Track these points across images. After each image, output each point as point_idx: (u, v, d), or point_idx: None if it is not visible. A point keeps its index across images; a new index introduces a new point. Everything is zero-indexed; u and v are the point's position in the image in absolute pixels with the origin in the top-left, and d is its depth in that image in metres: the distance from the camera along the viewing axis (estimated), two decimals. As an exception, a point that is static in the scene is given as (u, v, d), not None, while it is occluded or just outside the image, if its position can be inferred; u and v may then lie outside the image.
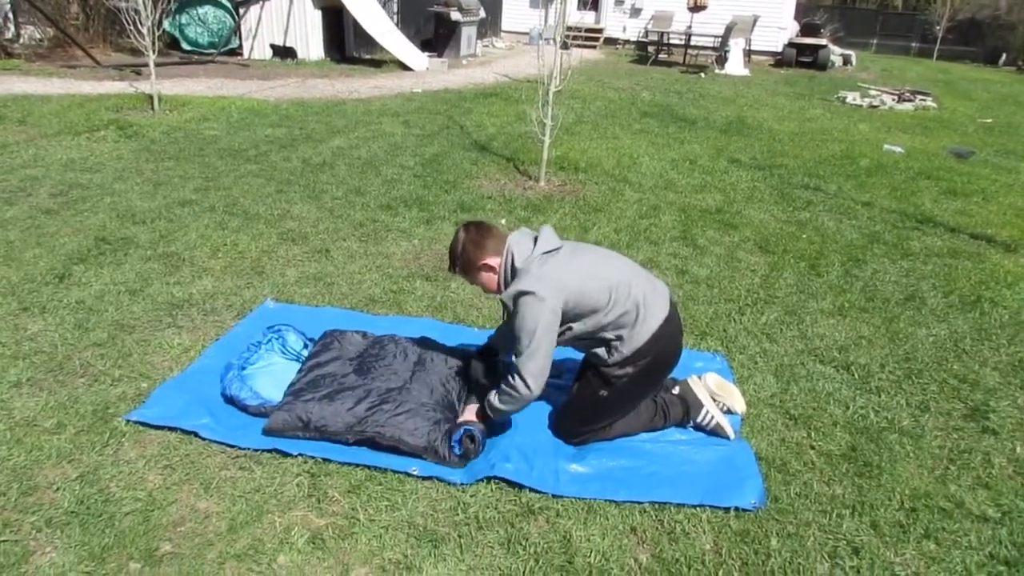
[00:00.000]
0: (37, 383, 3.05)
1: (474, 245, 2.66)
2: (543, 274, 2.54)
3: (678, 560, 2.30)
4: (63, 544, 2.24)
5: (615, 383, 2.71)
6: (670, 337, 2.73)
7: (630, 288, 2.65)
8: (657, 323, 2.66)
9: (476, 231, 2.68)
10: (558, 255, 2.63)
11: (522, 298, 2.51)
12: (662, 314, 2.69)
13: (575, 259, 2.66)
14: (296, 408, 2.75)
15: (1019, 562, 2.36)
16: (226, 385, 2.94)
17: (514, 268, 2.62)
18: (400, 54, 13.27)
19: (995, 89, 15.88)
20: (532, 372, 2.53)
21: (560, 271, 2.57)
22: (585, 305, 2.59)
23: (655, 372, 2.78)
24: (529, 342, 2.51)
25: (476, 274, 2.71)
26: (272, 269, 4.31)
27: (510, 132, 8.31)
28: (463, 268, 2.72)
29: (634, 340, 2.64)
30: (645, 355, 2.66)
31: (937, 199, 6.68)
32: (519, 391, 2.56)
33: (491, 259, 2.66)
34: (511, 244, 2.66)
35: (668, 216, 5.70)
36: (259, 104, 9.11)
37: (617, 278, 2.65)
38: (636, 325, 2.63)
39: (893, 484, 2.70)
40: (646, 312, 2.64)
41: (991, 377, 3.54)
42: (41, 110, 7.96)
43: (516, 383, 2.56)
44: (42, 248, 4.37)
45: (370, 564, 2.24)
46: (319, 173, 6.30)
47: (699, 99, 11.86)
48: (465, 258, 2.67)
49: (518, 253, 2.63)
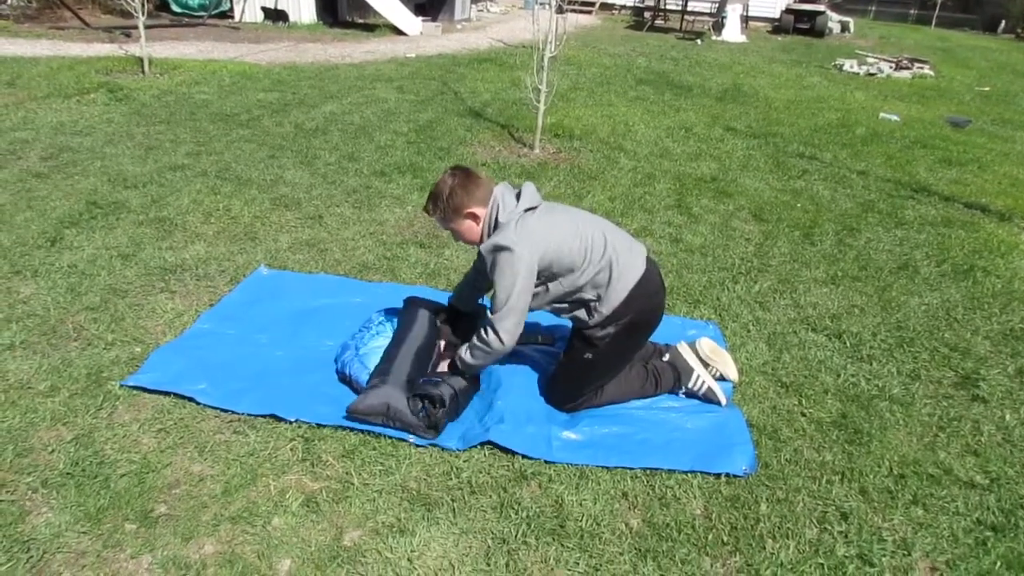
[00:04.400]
0: (30, 346, 3.05)
1: (463, 190, 2.60)
2: (523, 230, 2.53)
3: (668, 525, 2.33)
4: (59, 505, 2.25)
5: (598, 344, 2.72)
6: (649, 296, 2.72)
7: (604, 247, 2.65)
8: (633, 281, 2.66)
9: (465, 176, 2.63)
10: (537, 213, 2.62)
11: (501, 253, 2.51)
12: (638, 272, 2.68)
13: (553, 217, 2.65)
14: (381, 393, 2.67)
15: (1006, 528, 2.40)
16: (345, 363, 2.90)
17: (497, 221, 2.60)
18: (393, 18, 13.09)
19: (993, 57, 15.77)
20: (507, 328, 2.56)
21: (539, 229, 2.56)
22: (561, 263, 2.58)
23: (637, 331, 2.79)
24: (507, 298, 2.51)
25: (459, 221, 2.65)
26: (265, 235, 4.29)
27: (505, 98, 8.24)
28: (448, 212, 2.63)
29: (612, 299, 2.64)
30: (624, 314, 2.66)
31: (932, 168, 6.67)
32: (492, 345, 2.59)
33: (478, 208, 2.62)
34: (497, 196, 2.62)
35: (663, 184, 5.68)
36: (251, 68, 9.00)
37: (592, 237, 2.65)
38: (612, 283, 2.63)
39: (882, 451, 2.73)
40: (621, 271, 2.64)
41: (982, 346, 3.57)
42: (30, 72, 7.85)
43: (490, 337, 2.58)
44: (33, 212, 4.34)
45: (364, 527, 2.26)
46: (312, 139, 6.24)
47: (695, 66, 11.76)
48: (453, 202, 2.60)
49: (503, 206, 2.60)
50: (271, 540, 2.18)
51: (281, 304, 3.48)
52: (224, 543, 2.17)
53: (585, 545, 2.24)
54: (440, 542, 2.22)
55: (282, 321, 3.34)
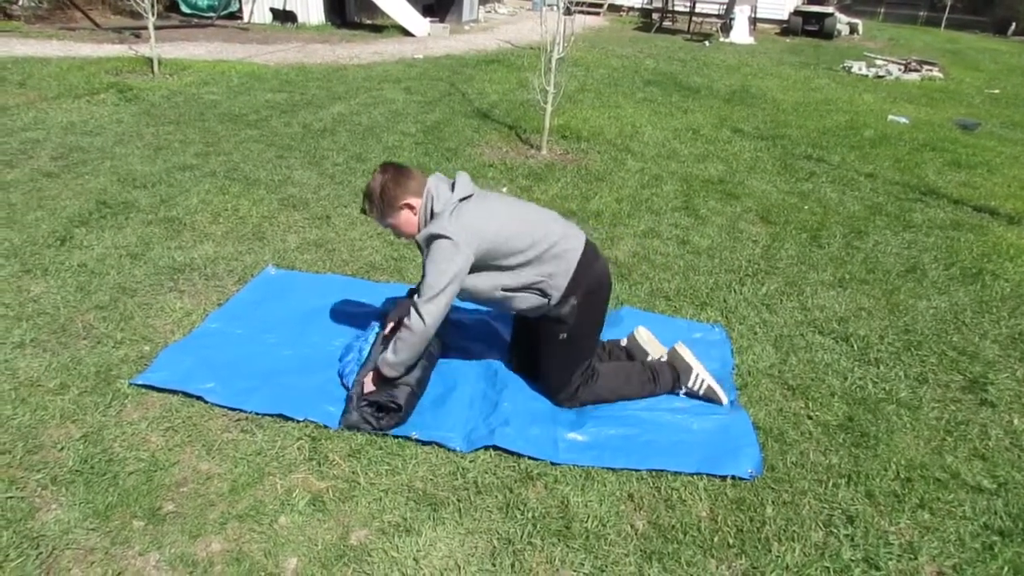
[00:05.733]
0: (40, 344, 3.07)
1: (395, 184, 2.64)
2: (458, 220, 2.56)
3: (674, 527, 2.33)
4: (68, 501, 2.27)
5: (567, 320, 2.74)
6: (592, 263, 2.77)
7: (545, 225, 2.71)
8: (578, 252, 2.72)
9: (396, 171, 2.68)
10: (472, 201, 2.66)
11: (437, 241, 2.54)
12: (580, 243, 2.75)
13: (489, 204, 2.70)
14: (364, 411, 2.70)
15: (1013, 532, 2.39)
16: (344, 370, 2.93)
17: (432, 211, 2.64)
18: (401, 19, 13.11)
19: (1003, 60, 15.70)
20: (431, 311, 2.56)
21: (475, 217, 2.59)
22: (502, 250, 2.61)
23: (596, 296, 2.82)
24: (435, 283, 2.54)
25: (395, 214, 2.68)
26: (273, 235, 4.30)
27: (512, 99, 8.25)
28: (383, 207, 2.67)
29: (563, 273, 2.68)
30: (579, 284, 2.71)
31: (941, 171, 6.64)
32: (414, 328, 2.59)
33: (412, 199, 2.66)
34: (431, 187, 2.67)
35: (670, 186, 5.68)
36: (259, 69, 9.04)
37: (531, 220, 2.72)
38: (559, 258, 2.68)
39: (889, 454, 2.73)
40: (564, 247, 2.69)
41: (991, 350, 3.55)
42: (41, 72, 7.90)
43: (412, 320, 2.59)
44: (44, 211, 4.37)
45: (370, 526, 2.27)
46: (320, 139, 6.26)
47: (703, 68, 11.74)
48: (387, 196, 2.64)
49: (437, 196, 2.64)
50: (278, 538, 2.19)
51: (289, 304, 3.50)
52: (231, 541, 2.18)
53: (590, 546, 2.24)
54: (446, 542, 2.22)
55: (290, 321, 3.36)
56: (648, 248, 4.45)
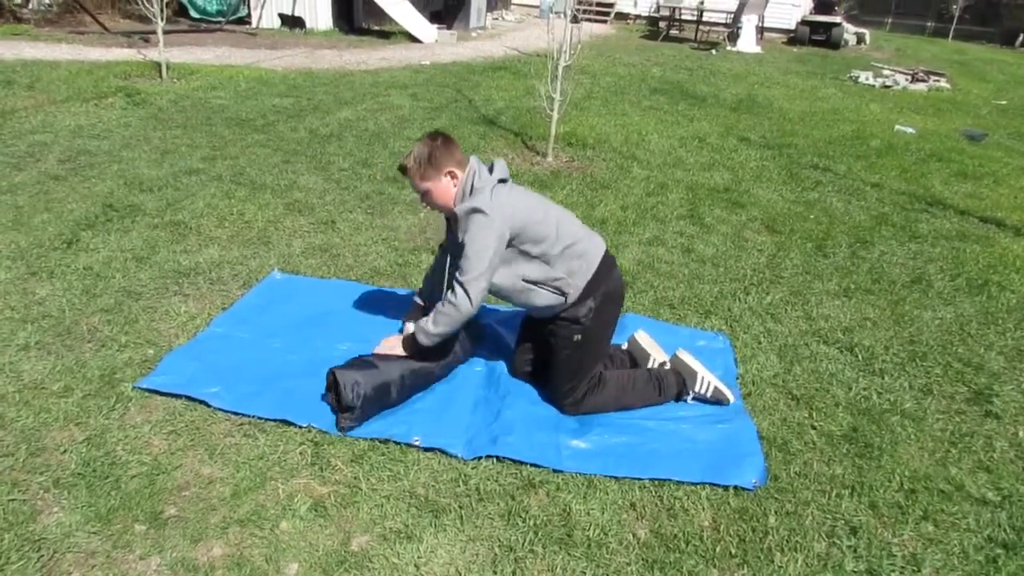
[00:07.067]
0: (45, 347, 3.07)
1: (445, 149, 2.72)
2: (496, 198, 2.64)
3: (676, 536, 2.32)
4: (70, 504, 2.27)
5: (583, 321, 2.78)
6: (611, 268, 2.85)
7: (570, 223, 2.81)
8: (599, 255, 2.81)
9: (445, 139, 2.75)
10: (507, 185, 2.76)
11: (476, 215, 2.60)
12: (601, 247, 2.85)
13: (520, 190, 2.81)
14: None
15: (1017, 545, 2.38)
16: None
17: (473, 186, 2.69)
18: (409, 25, 13.16)
19: (1011, 71, 15.68)
20: (477, 290, 2.62)
21: (511, 198, 2.68)
22: (529, 233, 2.66)
23: (612, 303, 2.88)
24: (479, 260, 2.59)
25: (437, 179, 2.72)
26: (278, 239, 4.31)
27: (518, 106, 8.26)
28: (427, 169, 2.71)
29: (586, 269, 2.75)
30: (598, 286, 2.77)
31: (947, 181, 6.63)
32: (460, 306, 2.63)
33: (457, 168, 2.73)
34: (474, 164, 2.74)
35: (675, 194, 5.67)
36: (267, 74, 9.07)
37: (557, 215, 2.79)
38: (585, 255, 2.76)
39: (893, 466, 2.71)
40: (586, 246, 2.78)
41: (996, 361, 3.54)
42: (50, 76, 7.94)
43: (458, 297, 2.63)
44: (50, 213, 4.38)
45: (371, 532, 2.26)
46: (326, 144, 6.28)
47: (710, 76, 11.75)
48: (435, 159, 2.69)
49: (479, 173, 2.71)
50: (279, 544, 2.19)
51: (294, 308, 3.50)
52: (232, 546, 2.18)
53: (592, 555, 2.23)
54: (447, 549, 2.22)
55: (295, 325, 3.36)
56: (653, 256, 4.45)
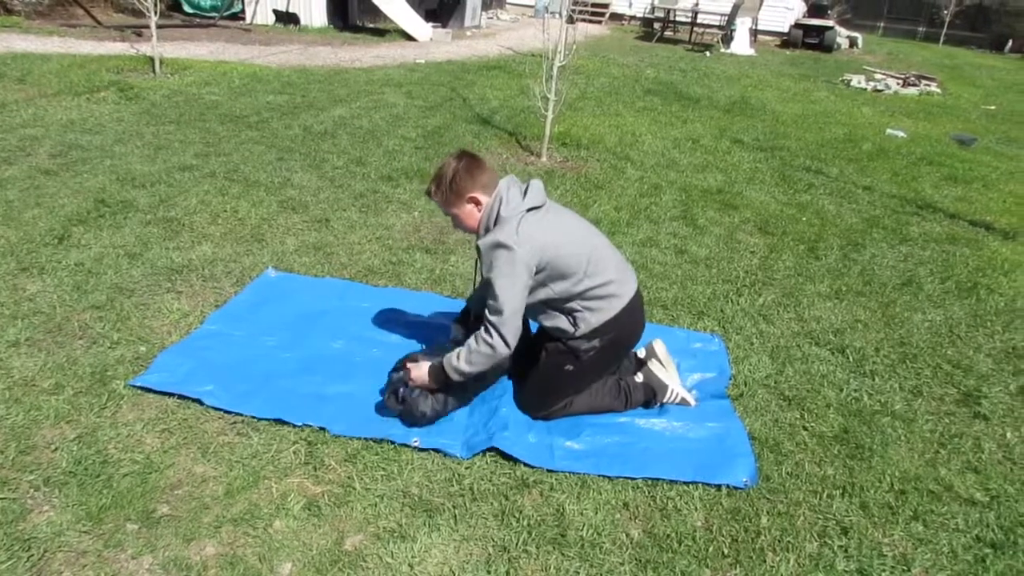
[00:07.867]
0: (35, 343, 3.06)
1: (467, 174, 2.58)
2: (524, 230, 2.49)
3: (669, 536, 2.33)
4: (61, 503, 2.26)
5: (582, 357, 2.71)
6: (634, 314, 2.76)
7: (607, 261, 2.67)
8: (626, 299, 2.69)
9: (470, 161, 2.61)
10: (540, 212, 2.60)
11: (500, 250, 2.47)
12: (631, 292, 2.73)
13: (556, 220, 2.65)
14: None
15: (1005, 545, 2.40)
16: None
17: (499, 215, 2.56)
18: (404, 23, 13.14)
19: (1000, 76, 15.78)
20: (511, 331, 2.51)
21: (541, 230, 2.53)
22: (558, 268, 2.55)
23: (619, 347, 2.83)
24: (507, 299, 2.47)
25: (460, 205, 2.61)
26: (272, 237, 4.30)
27: (513, 106, 8.27)
28: (450, 196, 2.60)
29: (602, 314, 2.65)
30: (611, 330, 2.68)
31: (938, 185, 6.67)
32: (497, 349, 2.52)
33: (480, 194, 2.59)
34: (502, 188, 2.59)
35: (669, 195, 5.69)
36: (261, 70, 9.04)
37: (594, 249, 2.65)
38: (609, 298, 2.65)
39: (884, 466, 2.73)
40: (615, 289, 2.66)
41: (984, 363, 3.56)
42: (41, 69, 7.89)
43: (495, 340, 2.51)
44: (41, 209, 4.36)
45: (365, 532, 2.26)
46: (320, 142, 6.27)
47: (703, 78, 11.78)
48: (457, 185, 2.57)
49: (507, 200, 2.56)
50: (272, 543, 2.19)
51: (288, 307, 3.50)
52: (225, 545, 2.17)
53: (585, 554, 2.24)
54: (441, 548, 2.22)
55: (289, 324, 3.35)
56: (646, 257, 4.46)
